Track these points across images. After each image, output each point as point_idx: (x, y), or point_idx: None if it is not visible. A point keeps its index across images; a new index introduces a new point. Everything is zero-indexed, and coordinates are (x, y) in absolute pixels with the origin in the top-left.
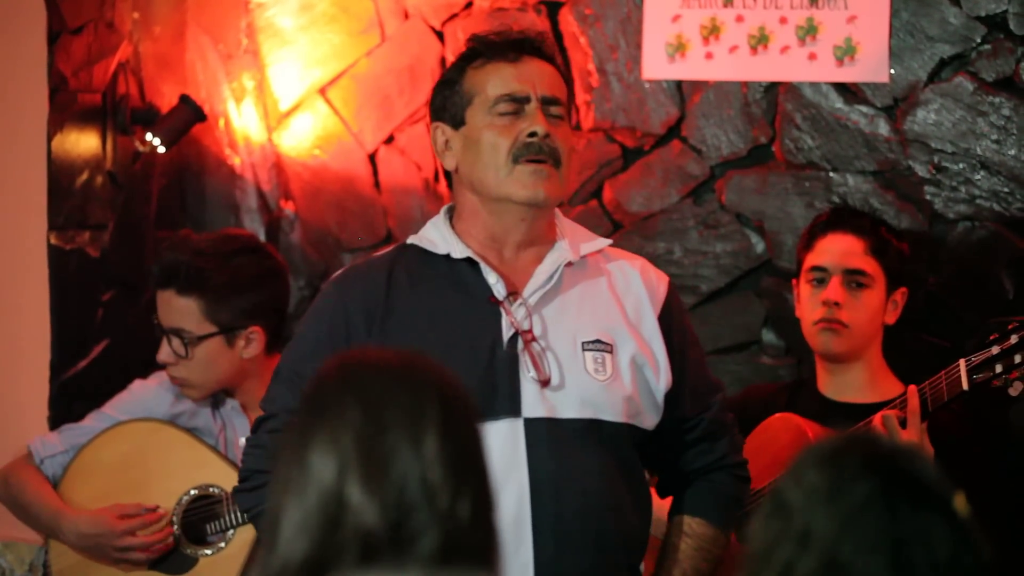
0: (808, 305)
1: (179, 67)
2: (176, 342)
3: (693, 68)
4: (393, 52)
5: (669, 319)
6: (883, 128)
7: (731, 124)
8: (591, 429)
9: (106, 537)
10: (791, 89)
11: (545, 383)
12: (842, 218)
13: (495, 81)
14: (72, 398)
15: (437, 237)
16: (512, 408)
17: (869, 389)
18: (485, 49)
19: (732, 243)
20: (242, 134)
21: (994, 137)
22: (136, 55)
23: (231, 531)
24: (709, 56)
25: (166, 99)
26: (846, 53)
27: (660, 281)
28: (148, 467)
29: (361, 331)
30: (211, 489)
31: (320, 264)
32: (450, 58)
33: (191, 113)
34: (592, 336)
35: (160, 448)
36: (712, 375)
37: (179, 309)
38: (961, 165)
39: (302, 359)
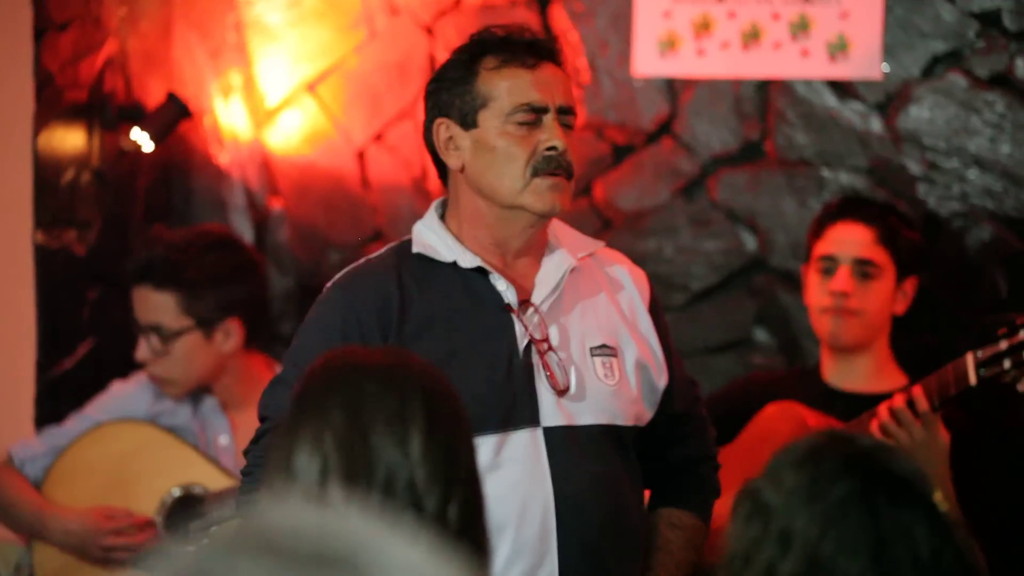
0: (816, 293)
1: (166, 64)
2: (154, 338)
3: (684, 65)
4: (382, 48)
5: (656, 313)
6: (876, 125)
7: (723, 121)
8: (606, 434)
9: (92, 535)
10: (783, 86)
11: (562, 392)
12: (853, 207)
13: (513, 88)
14: (58, 396)
15: (437, 243)
16: (531, 418)
17: (874, 379)
18: (500, 50)
19: (723, 241)
20: (229, 131)
21: (987, 134)
22: (123, 52)
23: (215, 528)
24: (701, 52)
25: (153, 96)
26: (839, 49)
27: (642, 276)
28: (131, 467)
29: (376, 337)
30: (194, 488)
31: (308, 262)
32: (440, 54)
33: (178, 110)
34: (598, 341)
35: (142, 448)
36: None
37: (156, 304)
38: (954, 162)
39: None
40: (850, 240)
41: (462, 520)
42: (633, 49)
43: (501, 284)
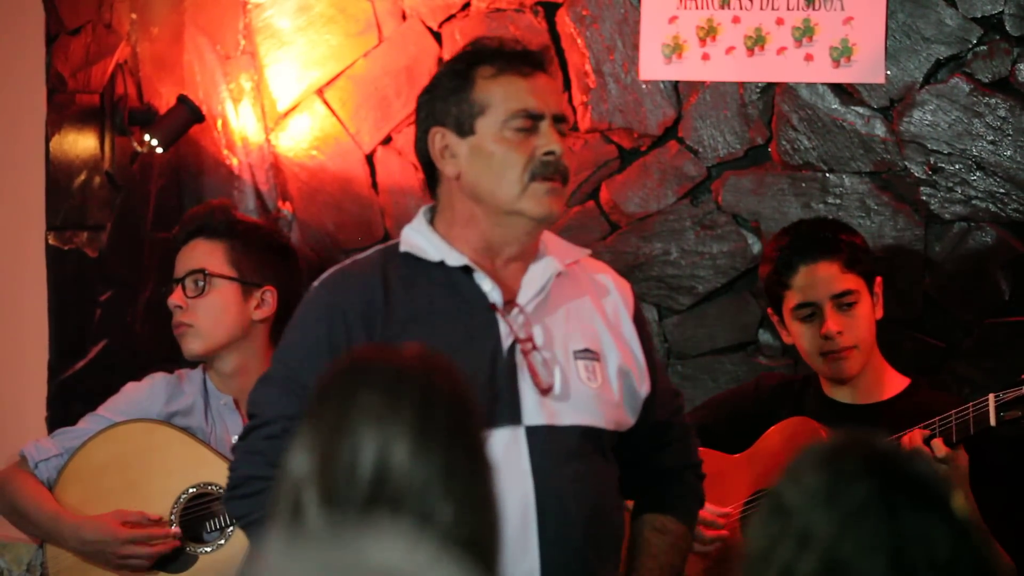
0: (805, 338)
1: (177, 68)
2: (192, 282)
3: (690, 69)
4: (391, 53)
5: (641, 323)
6: (879, 129)
7: (728, 125)
8: (587, 436)
9: (109, 544)
10: (787, 90)
11: (546, 391)
12: (808, 245)
13: (511, 94)
14: (70, 398)
15: (425, 244)
16: (512, 416)
17: (875, 389)
18: (495, 59)
19: (728, 244)
20: (240, 135)
21: (990, 138)
22: (134, 56)
23: (231, 528)
24: (706, 57)
25: (164, 100)
26: (842, 54)
27: (627, 287)
28: (145, 467)
29: (361, 335)
30: (210, 487)
31: (317, 264)
32: (448, 59)
33: (189, 114)
34: (581, 345)
35: (157, 447)
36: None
37: (204, 252)
38: (957, 166)
39: (299, 363)
40: (821, 280)
41: (457, 523)
42: (639, 53)
43: (487, 284)
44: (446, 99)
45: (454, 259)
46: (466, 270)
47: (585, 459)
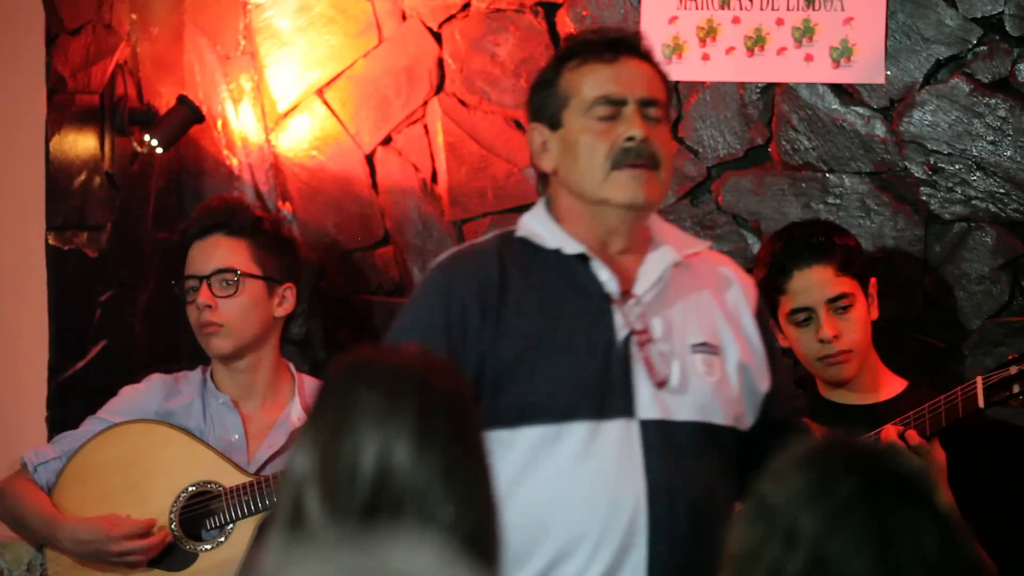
0: (802, 343)
1: (177, 68)
2: (220, 281)
3: (690, 69)
4: (391, 53)
5: (763, 319)
6: (879, 129)
7: (728, 125)
8: (703, 432)
9: (103, 543)
10: (787, 90)
11: (662, 384)
12: (801, 250)
13: (591, 83)
14: (70, 398)
15: (543, 231)
16: (626, 408)
17: (871, 390)
18: (581, 49)
19: (729, 244)
20: (240, 135)
21: (990, 138)
22: (134, 56)
23: (230, 526)
24: (706, 57)
25: (164, 100)
26: (842, 54)
27: (748, 280)
28: (145, 467)
29: (475, 318)
30: (209, 485)
31: (317, 265)
32: (448, 59)
33: (189, 114)
34: (700, 339)
35: (156, 447)
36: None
37: (229, 249)
38: (957, 166)
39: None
40: (816, 284)
41: (459, 523)
42: None
43: (604, 273)
44: (538, 94)
45: (571, 247)
46: (582, 258)
47: (700, 456)
